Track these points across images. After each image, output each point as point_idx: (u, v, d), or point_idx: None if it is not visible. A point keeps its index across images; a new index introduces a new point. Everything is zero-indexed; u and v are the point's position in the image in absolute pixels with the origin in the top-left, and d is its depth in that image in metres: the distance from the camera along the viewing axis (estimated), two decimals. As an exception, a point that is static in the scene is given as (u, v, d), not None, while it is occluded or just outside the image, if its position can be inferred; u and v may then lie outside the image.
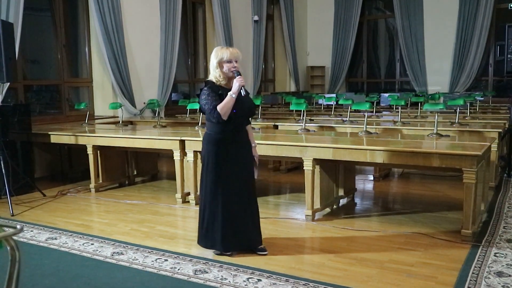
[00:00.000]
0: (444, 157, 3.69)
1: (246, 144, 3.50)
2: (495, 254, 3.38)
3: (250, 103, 3.52)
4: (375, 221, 4.35)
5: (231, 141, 3.38)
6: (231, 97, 3.23)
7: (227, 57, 3.27)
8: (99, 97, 7.55)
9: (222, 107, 3.23)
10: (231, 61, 3.28)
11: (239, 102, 3.29)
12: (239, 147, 3.43)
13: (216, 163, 3.37)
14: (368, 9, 13.10)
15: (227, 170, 3.37)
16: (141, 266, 3.32)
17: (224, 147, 3.37)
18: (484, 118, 6.84)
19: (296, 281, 2.99)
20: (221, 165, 3.37)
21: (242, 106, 3.34)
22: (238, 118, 3.36)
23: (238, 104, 3.29)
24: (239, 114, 3.33)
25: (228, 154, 3.37)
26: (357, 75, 13.31)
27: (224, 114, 3.24)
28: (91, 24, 7.30)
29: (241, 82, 3.24)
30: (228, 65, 3.29)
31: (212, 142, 3.39)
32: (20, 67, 6.48)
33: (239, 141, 3.43)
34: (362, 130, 5.01)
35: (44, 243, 3.87)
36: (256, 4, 10.59)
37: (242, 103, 3.33)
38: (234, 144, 3.40)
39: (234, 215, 3.41)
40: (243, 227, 3.44)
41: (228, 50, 3.30)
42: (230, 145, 3.38)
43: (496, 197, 5.01)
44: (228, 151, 3.37)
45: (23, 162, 5.59)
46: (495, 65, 11.04)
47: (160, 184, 6.18)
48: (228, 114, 3.26)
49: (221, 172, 3.37)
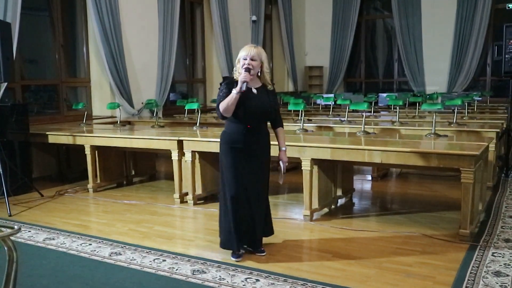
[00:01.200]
0: (442, 157, 3.69)
1: (263, 148, 3.37)
2: (493, 254, 3.38)
3: (265, 103, 3.31)
4: (373, 221, 4.35)
5: (244, 142, 3.27)
6: (233, 94, 3.15)
7: (244, 54, 3.23)
8: (97, 97, 7.54)
9: (223, 103, 3.19)
10: (246, 58, 3.21)
11: (249, 100, 3.22)
12: (252, 149, 3.30)
13: (231, 164, 3.30)
14: (366, 9, 13.11)
15: (240, 171, 3.29)
16: (139, 267, 3.31)
17: (236, 147, 3.28)
18: (482, 118, 6.85)
19: (294, 281, 2.99)
20: (233, 165, 3.29)
21: (253, 104, 3.23)
22: (248, 117, 3.25)
23: (247, 102, 3.21)
24: (248, 113, 3.23)
25: (241, 154, 3.28)
26: (355, 75, 13.31)
27: (224, 111, 3.20)
28: (89, 24, 7.29)
29: (242, 78, 3.15)
30: (242, 62, 3.23)
31: (225, 141, 3.34)
32: (18, 67, 6.46)
33: (253, 143, 3.30)
34: (360, 130, 5.02)
35: (42, 243, 3.87)
36: (254, 4, 10.59)
37: (253, 101, 3.24)
38: (247, 146, 3.28)
39: (241, 217, 3.35)
40: (247, 228, 3.39)
41: (248, 48, 3.25)
42: (243, 146, 3.27)
43: (494, 197, 5.02)
44: (241, 151, 3.28)
45: (21, 162, 5.58)
46: (493, 65, 11.07)
47: (158, 184, 6.17)
48: (231, 111, 3.19)
49: (236, 172, 3.29)
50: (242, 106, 3.20)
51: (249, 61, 3.20)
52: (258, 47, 3.28)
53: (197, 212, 4.74)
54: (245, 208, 3.35)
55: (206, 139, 4.81)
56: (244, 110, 3.22)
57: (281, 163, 3.43)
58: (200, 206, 4.92)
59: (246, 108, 3.22)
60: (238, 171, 3.29)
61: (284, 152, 3.47)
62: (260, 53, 3.24)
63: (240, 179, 3.30)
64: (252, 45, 3.29)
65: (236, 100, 3.17)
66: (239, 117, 3.24)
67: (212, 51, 9.92)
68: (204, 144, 4.81)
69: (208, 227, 4.25)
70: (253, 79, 3.27)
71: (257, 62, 3.22)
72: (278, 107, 3.51)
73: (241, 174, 3.30)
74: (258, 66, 3.24)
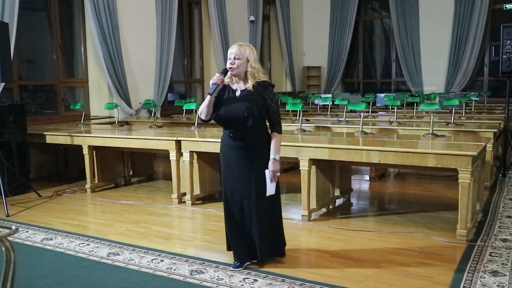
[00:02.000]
0: (440, 157, 3.70)
1: (249, 154, 3.10)
2: (490, 254, 3.39)
3: (240, 106, 3.03)
4: (371, 221, 4.35)
5: (230, 146, 3.13)
6: (208, 96, 3.02)
7: (228, 53, 3.06)
8: (95, 97, 7.53)
9: (201, 106, 3.09)
10: (230, 57, 3.06)
11: (227, 106, 3.04)
12: (238, 156, 3.10)
13: (222, 167, 3.23)
14: (364, 9, 13.13)
15: (228, 176, 3.17)
16: (137, 267, 3.31)
17: (225, 152, 3.17)
18: (479, 118, 6.86)
19: (292, 281, 2.99)
20: (224, 170, 3.20)
21: (229, 110, 3.04)
22: (226, 121, 3.08)
23: (226, 107, 3.04)
24: (225, 117, 3.05)
25: (229, 160, 3.15)
26: (353, 75, 13.33)
27: (200, 113, 3.09)
28: (87, 24, 7.28)
29: (213, 80, 3.00)
30: (228, 61, 3.07)
31: (221, 144, 3.23)
32: (16, 67, 6.45)
33: (238, 149, 3.10)
34: (358, 130, 5.02)
35: (39, 243, 3.86)
36: (252, 4, 10.59)
37: (230, 107, 3.04)
38: (234, 151, 3.11)
39: (237, 225, 3.19)
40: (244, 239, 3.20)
41: (232, 46, 3.08)
42: (230, 151, 3.13)
43: (492, 197, 5.03)
44: (229, 157, 3.15)
45: (19, 163, 5.57)
46: (490, 65, 11.10)
47: (156, 184, 6.17)
48: (205, 114, 3.05)
49: (225, 177, 3.20)
50: (218, 110, 3.06)
51: (232, 60, 3.02)
52: (244, 45, 3.07)
53: (195, 213, 4.73)
54: (237, 216, 3.18)
55: (204, 140, 4.81)
56: (219, 115, 3.06)
57: (266, 172, 3.10)
58: (198, 206, 4.92)
59: (221, 112, 3.05)
60: (227, 178, 3.18)
61: (273, 161, 3.10)
62: (244, 51, 3.02)
63: (229, 185, 3.17)
64: (239, 43, 3.08)
65: (211, 103, 3.04)
66: (220, 121, 3.10)
67: (210, 51, 9.92)
68: (202, 144, 4.81)
69: (206, 227, 4.25)
70: (240, 79, 3.09)
71: (241, 61, 3.02)
72: (275, 108, 3.13)
73: (229, 181, 3.17)
74: (242, 64, 3.02)
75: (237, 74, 3.05)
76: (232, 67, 3.02)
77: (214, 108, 3.07)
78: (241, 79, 3.09)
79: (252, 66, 3.04)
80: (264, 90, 3.07)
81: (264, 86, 3.08)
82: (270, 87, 3.11)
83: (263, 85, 3.07)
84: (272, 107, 3.10)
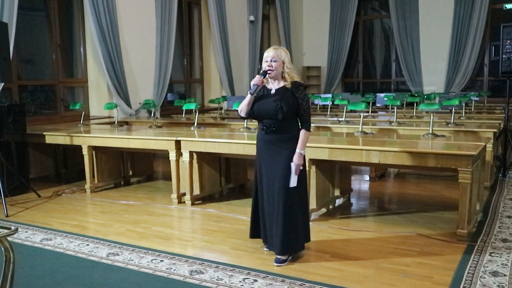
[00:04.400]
0: (440, 157, 3.70)
1: (279, 148, 3.31)
2: (490, 254, 3.39)
3: (271, 103, 3.28)
4: (371, 221, 4.35)
5: (261, 140, 3.41)
6: (248, 95, 3.31)
7: (265, 56, 3.33)
8: (94, 98, 7.53)
9: (241, 103, 3.38)
10: (266, 60, 3.31)
11: (260, 102, 3.32)
12: (269, 149, 3.36)
13: (256, 160, 3.48)
14: (364, 9, 13.13)
15: (260, 168, 3.42)
16: (136, 267, 3.31)
17: (258, 145, 3.44)
18: (479, 118, 6.86)
19: (292, 281, 2.99)
20: (257, 161, 3.46)
21: (262, 106, 3.32)
22: (259, 118, 3.37)
23: (259, 103, 3.33)
24: (258, 114, 3.35)
25: (260, 152, 3.43)
26: (353, 75, 13.33)
27: (239, 110, 3.40)
28: (86, 24, 7.28)
29: (254, 81, 3.28)
30: (264, 64, 3.33)
31: (256, 139, 3.50)
32: (15, 67, 6.44)
33: (269, 143, 3.35)
34: (358, 130, 5.02)
35: (39, 244, 3.85)
36: (252, 4, 10.59)
37: (263, 103, 3.32)
38: (264, 145, 3.38)
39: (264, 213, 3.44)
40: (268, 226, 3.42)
41: (268, 50, 3.35)
42: (262, 144, 3.41)
43: (492, 197, 5.03)
44: (260, 149, 3.42)
45: (18, 163, 5.56)
46: (490, 65, 11.09)
47: (155, 184, 6.16)
48: (245, 112, 3.36)
49: (257, 167, 3.45)
50: (252, 107, 3.34)
51: (270, 62, 3.29)
52: (279, 48, 3.35)
53: (195, 213, 4.73)
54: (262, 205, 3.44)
55: (203, 140, 4.81)
56: (253, 111, 3.35)
57: (292, 165, 3.27)
58: (198, 206, 4.91)
59: (255, 108, 3.35)
60: (259, 169, 3.42)
61: (298, 155, 3.28)
62: (280, 54, 3.30)
63: (259, 176, 3.43)
64: (274, 47, 3.37)
65: (251, 101, 3.32)
66: (254, 116, 3.39)
67: (210, 51, 9.92)
68: (201, 144, 4.80)
69: (205, 227, 4.24)
70: (276, 80, 3.34)
71: (278, 63, 3.28)
72: (305, 107, 3.31)
73: (260, 173, 3.43)
74: (279, 66, 3.29)
75: (275, 75, 3.31)
76: (270, 69, 3.29)
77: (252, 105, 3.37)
78: (276, 79, 3.35)
79: (288, 67, 3.32)
80: (296, 89, 3.30)
81: (296, 85, 3.32)
82: (301, 87, 3.35)
83: (295, 85, 3.32)
84: (303, 106, 3.31)
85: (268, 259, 3.38)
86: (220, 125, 6.77)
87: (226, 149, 4.68)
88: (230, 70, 9.98)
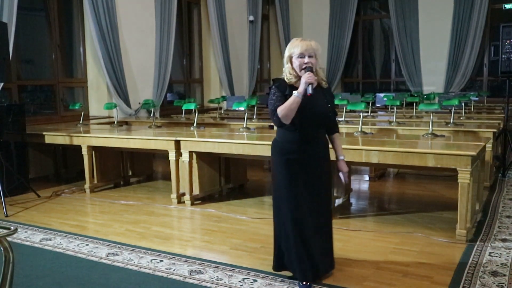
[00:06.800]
0: (439, 157, 3.70)
1: (321, 161, 2.89)
2: (490, 254, 3.39)
3: (323, 105, 2.83)
4: (371, 221, 4.35)
5: (300, 152, 2.80)
6: (295, 97, 2.67)
7: (299, 51, 2.72)
8: (94, 98, 7.52)
9: (282, 108, 2.69)
10: (303, 55, 2.73)
11: (308, 104, 2.73)
12: (310, 161, 2.83)
13: (285, 177, 2.84)
14: (364, 10, 13.12)
15: (297, 186, 2.83)
16: (136, 267, 3.31)
17: (291, 159, 2.82)
18: (479, 118, 6.86)
19: (291, 282, 2.99)
20: (291, 180, 2.83)
21: (312, 109, 2.75)
22: (305, 124, 2.78)
23: (307, 106, 2.72)
24: (306, 119, 2.76)
25: (297, 168, 2.82)
26: (353, 75, 13.32)
27: (284, 117, 2.71)
28: (85, 24, 7.27)
29: (308, 79, 2.65)
30: (299, 60, 2.74)
31: (278, 152, 2.88)
32: (14, 67, 6.44)
33: (310, 154, 2.83)
34: (357, 130, 5.02)
35: (38, 244, 3.85)
36: (252, 4, 10.58)
37: (313, 106, 2.76)
38: (304, 157, 2.81)
39: (307, 238, 2.86)
40: (314, 251, 2.90)
41: (302, 43, 2.75)
42: (299, 158, 2.81)
43: (491, 196, 5.03)
44: (297, 165, 2.82)
45: (18, 163, 5.56)
46: (489, 65, 11.09)
47: (155, 184, 6.16)
48: (290, 117, 2.71)
49: (290, 187, 2.82)
50: (298, 111, 2.72)
51: (308, 59, 2.73)
52: (313, 41, 2.77)
53: (194, 213, 4.73)
54: (309, 230, 2.87)
55: (203, 139, 4.81)
56: (300, 116, 2.73)
57: (341, 175, 2.98)
58: (198, 206, 4.91)
59: (303, 113, 2.72)
60: (296, 188, 2.82)
61: (343, 162, 2.99)
62: (318, 48, 2.77)
63: (300, 196, 2.83)
64: (306, 39, 2.77)
65: (298, 105, 2.68)
66: (294, 123, 2.75)
67: (210, 51, 9.91)
68: (201, 144, 4.80)
69: (205, 227, 4.24)
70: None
71: (314, 59, 2.75)
72: (334, 109, 2.99)
73: (300, 191, 2.83)
74: (316, 64, 2.76)
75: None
76: (311, 66, 2.74)
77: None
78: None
79: (320, 63, 2.86)
80: (329, 89, 2.95)
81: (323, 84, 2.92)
82: (328, 86, 2.97)
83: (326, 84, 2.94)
84: (333, 107, 2.97)
85: (268, 259, 3.37)
86: (220, 125, 6.77)
87: (225, 149, 4.68)
88: (230, 70, 9.98)
